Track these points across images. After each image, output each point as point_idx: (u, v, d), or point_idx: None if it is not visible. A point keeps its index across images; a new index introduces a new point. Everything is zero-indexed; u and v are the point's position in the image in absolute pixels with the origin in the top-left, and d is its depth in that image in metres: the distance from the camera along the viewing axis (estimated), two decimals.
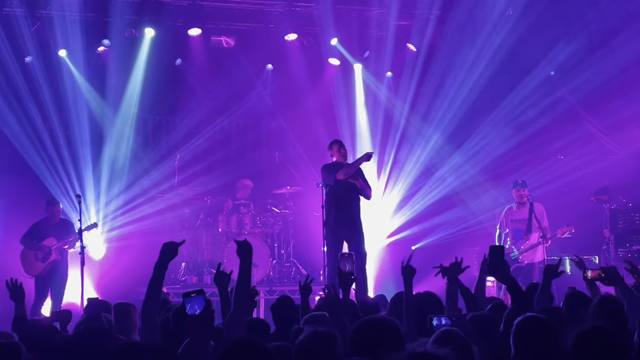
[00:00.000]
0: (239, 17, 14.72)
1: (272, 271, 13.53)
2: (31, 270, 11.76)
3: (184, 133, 15.14)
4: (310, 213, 14.17)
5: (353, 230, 11.07)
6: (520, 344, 4.30)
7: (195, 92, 15.11)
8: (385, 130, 15.46)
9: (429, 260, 13.89)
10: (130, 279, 13.02)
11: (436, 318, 4.83)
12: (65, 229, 12.02)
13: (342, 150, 11.38)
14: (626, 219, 13.93)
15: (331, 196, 11.09)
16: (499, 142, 14.84)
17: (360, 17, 14.91)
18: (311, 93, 15.39)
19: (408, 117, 15.36)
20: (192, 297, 4.63)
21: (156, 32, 14.17)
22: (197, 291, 4.66)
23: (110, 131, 14.46)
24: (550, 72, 14.60)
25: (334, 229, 11.03)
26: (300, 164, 15.15)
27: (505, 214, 12.47)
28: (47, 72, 13.79)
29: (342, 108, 15.55)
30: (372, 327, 4.24)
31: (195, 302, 4.62)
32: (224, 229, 13.80)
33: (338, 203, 11.04)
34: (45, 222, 12.05)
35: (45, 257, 11.80)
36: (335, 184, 11.01)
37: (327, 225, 11.10)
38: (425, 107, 15.22)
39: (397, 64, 15.37)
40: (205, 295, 4.66)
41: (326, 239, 11.13)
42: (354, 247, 10.98)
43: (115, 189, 14.32)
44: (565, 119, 14.63)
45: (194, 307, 4.61)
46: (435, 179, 15.25)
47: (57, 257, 11.83)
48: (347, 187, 11.06)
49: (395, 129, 15.43)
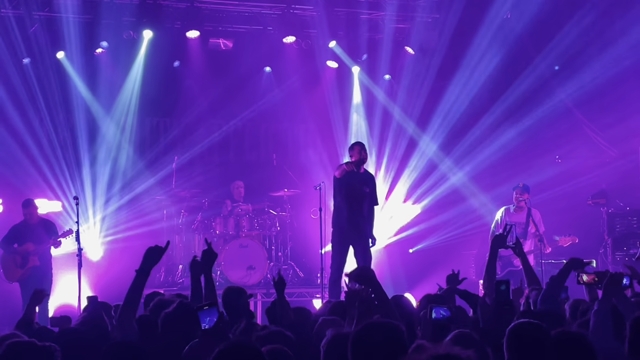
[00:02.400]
0: (237, 19, 14.73)
1: (269, 273, 13.52)
2: (11, 276, 11.58)
3: (181, 135, 15.16)
4: (307, 215, 14.17)
5: (362, 235, 11.02)
6: (513, 350, 4.19)
7: (193, 94, 15.11)
8: (383, 133, 15.46)
9: (427, 263, 14.07)
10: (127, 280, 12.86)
11: (435, 309, 4.81)
12: (44, 229, 11.73)
13: (363, 152, 11.14)
14: (624, 223, 13.94)
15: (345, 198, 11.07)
16: (497, 145, 14.85)
17: (358, 20, 14.91)
18: (309, 96, 15.40)
19: (406, 120, 15.36)
20: (205, 310, 4.64)
21: (154, 34, 14.16)
22: (210, 304, 4.67)
23: (108, 133, 14.45)
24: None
25: (345, 232, 10.97)
26: (298, 167, 15.16)
27: (501, 214, 12.46)
28: (45, 74, 13.78)
29: (339, 111, 15.55)
30: (376, 331, 4.07)
31: (207, 315, 4.62)
32: (221, 231, 13.79)
33: (351, 206, 10.99)
34: (23, 225, 11.79)
35: (24, 262, 11.53)
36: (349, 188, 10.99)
37: (338, 227, 11.05)
38: (423, 110, 15.22)
39: (395, 67, 15.37)
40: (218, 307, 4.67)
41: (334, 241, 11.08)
42: (360, 251, 10.94)
43: (113, 191, 14.32)
44: (563, 122, 14.63)
45: (205, 320, 4.61)
46: (433, 182, 15.25)
47: (36, 262, 11.53)
48: (360, 192, 11.04)
49: (393, 132, 15.43)
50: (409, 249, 15.21)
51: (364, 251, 10.92)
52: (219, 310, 4.65)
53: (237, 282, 12.61)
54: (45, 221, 12.00)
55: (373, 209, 11.21)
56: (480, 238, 13.95)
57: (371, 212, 11.14)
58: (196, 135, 15.28)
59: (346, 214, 10.94)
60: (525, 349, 4.19)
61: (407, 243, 15.22)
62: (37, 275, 11.48)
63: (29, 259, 11.53)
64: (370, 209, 11.12)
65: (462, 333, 4.28)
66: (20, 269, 11.54)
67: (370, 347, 3.93)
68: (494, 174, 14.86)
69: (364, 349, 3.91)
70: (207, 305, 4.65)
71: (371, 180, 11.31)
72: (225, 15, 14.70)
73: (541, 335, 4.22)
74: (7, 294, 11.97)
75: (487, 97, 14.92)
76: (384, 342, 3.95)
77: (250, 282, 13.04)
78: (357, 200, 10.98)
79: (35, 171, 13.73)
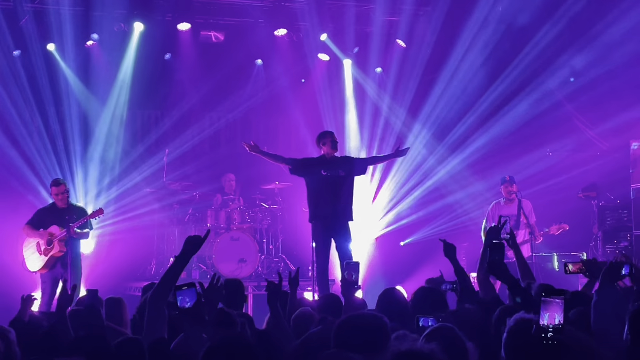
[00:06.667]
0: (228, 12, 14.70)
1: (260, 266, 13.53)
2: (33, 264, 10.70)
3: (173, 128, 15.15)
4: (299, 208, 14.17)
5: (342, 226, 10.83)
6: (511, 347, 3.94)
7: (184, 87, 15.09)
8: (374, 126, 15.47)
9: (419, 255, 14.09)
10: (118, 273, 13.03)
11: (422, 318, 4.79)
12: (75, 215, 10.70)
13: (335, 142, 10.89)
14: (614, 216, 14.00)
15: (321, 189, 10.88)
16: (488, 137, 14.87)
17: (349, 13, 14.88)
18: (300, 88, 15.40)
19: (397, 113, 15.37)
20: (184, 290, 4.60)
21: (145, 26, 14.11)
22: (189, 284, 4.64)
23: (99, 125, 14.40)
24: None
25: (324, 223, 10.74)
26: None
27: (492, 209, 12.46)
28: (35, 66, 13.72)
29: (331, 103, 15.55)
30: (358, 323, 4.18)
31: (186, 295, 4.59)
32: (213, 223, 13.79)
33: (332, 196, 10.68)
34: (51, 208, 10.98)
35: (48, 249, 10.52)
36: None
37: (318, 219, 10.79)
38: (414, 103, 15.24)
39: (387, 60, 15.37)
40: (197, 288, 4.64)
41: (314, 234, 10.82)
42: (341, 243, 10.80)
43: (104, 183, 14.28)
44: (554, 116, 14.66)
45: (184, 300, 4.57)
46: (424, 174, 15.27)
47: (63, 249, 10.45)
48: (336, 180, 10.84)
49: (384, 125, 15.43)
50: (400, 241, 15.23)
51: (343, 242, 10.62)
52: (197, 292, 4.62)
53: (228, 275, 12.59)
54: (77, 207, 11.12)
55: (352, 192, 10.87)
56: (471, 231, 13.96)
57: (350, 196, 10.82)
58: (187, 128, 15.28)
59: (324, 204, 10.66)
60: (524, 346, 3.90)
61: (398, 236, 15.24)
62: (63, 264, 10.51)
63: (54, 244, 10.54)
64: (349, 193, 10.80)
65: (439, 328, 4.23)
66: (44, 256, 10.57)
67: (353, 337, 4.07)
68: (485, 167, 14.89)
69: (346, 338, 4.07)
70: (185, 285, 4.62)
71: (342, 161, 11.06)
72: (216, 7, 14.67)
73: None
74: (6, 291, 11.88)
75: (477, 89, 14.93)
76: (366, 331, 4.09)
77: (241, 274, 13.04)
78: (332, 186, 10.67)
79: (25, 164, 13.67)
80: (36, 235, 10.73)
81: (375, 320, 4.23)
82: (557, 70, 14.43)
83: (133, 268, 13.93)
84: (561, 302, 3.77)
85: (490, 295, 6.09)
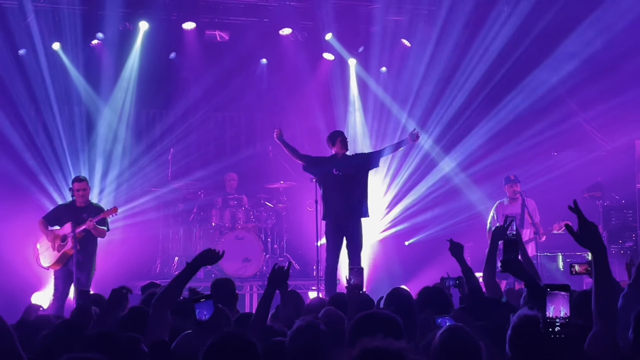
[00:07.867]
0: (233, 11, 14.70)
1: (265, 266, 13.53)
2: (46, 260, 10.61)
3: (177, 127, 15.16)
4: (303, 208, 14.17)
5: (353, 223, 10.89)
6: (516, 346, 3.88)
7: (189, 86, 15.10)
8: (380, 126, 15.45)
9: (423, 255, 14.06)
10: (122, 272, 13.00)
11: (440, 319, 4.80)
12: (93, 214, 10.65)
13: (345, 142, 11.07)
14: (619, 216, 13.95)
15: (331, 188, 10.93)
16: (493, 137, 14.85)
17: (354, 12, 14.89)
18: (305, 88, 15.39)
19: (402, 112, 15.35)
20: (202, 302, 4.60)
21: (150, 25, 14.15)
22: (206, 296, 4.64)
23: (103, 124, 14.42)
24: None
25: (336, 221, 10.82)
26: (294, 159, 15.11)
27: (496, 208, 12.46)
28: (40, 65, 13.74)
29: (336, 103, 15.56)
30: (374, 321, 4.21)
31: (204, 308, 4.59)
32: (217, 223, 13.80)
33: (344, 195, 10.79)
34: (70, 205, 10.90)
35: (62, 245, 10.47)
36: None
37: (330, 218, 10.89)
38: (419, 102, 15.21)
39: (392, 59, 15.36)
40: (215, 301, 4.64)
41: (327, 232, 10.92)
42: (351, 244, 10.83)
43: (108, 182, 14.29)
44: (559, 115, 14.63)
45: (202, 313, 4.58)
46: (430, 174, 15.25)
47: (76, 247, 10.31)
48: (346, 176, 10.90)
49: (389, 124, 15.41)
50: (405, 241, 15.21)
51: (355, 241, 10.75)
52: (215, 304, 4.63)
53: (233, 274, 12.62)
54: (96, 206, 11.02)
55: (366, 189, 10.99)
56: (476, 230, 13.93)
57: (363, 193, 10.92)
58: (192, 127, 15.29)
59: (336, 202, 10.79)
60: (530, 345, 3.86)
61: (403, 235, 15.22)
62: (77, 262, 10.31)
63: (67, 241, 10.46)
64: (362, 190, 10.91)
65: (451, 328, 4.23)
66: (57, 252, 10.52)
67: (368, 335, 3.95)
68: (489, 166, 14.86)
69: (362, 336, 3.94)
70: (203, 297, 4.63)
71: (354, 158, 11.14)
72: (221, 6, 14.68)
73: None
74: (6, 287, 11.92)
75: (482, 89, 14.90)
76: (380, 330, 3.96)
77: (246, 274, 13.06)
78: (344, 185, 10.79)
79: (30, 162, 13.68)
80: (48, 234, 10.68)
81: (388, 318, 4.28)
82: (563, 71, 14.38)
83: (138, 267, 13.92)
84: (567, 296, 3.76)
85: (496, 296, 6.08)
